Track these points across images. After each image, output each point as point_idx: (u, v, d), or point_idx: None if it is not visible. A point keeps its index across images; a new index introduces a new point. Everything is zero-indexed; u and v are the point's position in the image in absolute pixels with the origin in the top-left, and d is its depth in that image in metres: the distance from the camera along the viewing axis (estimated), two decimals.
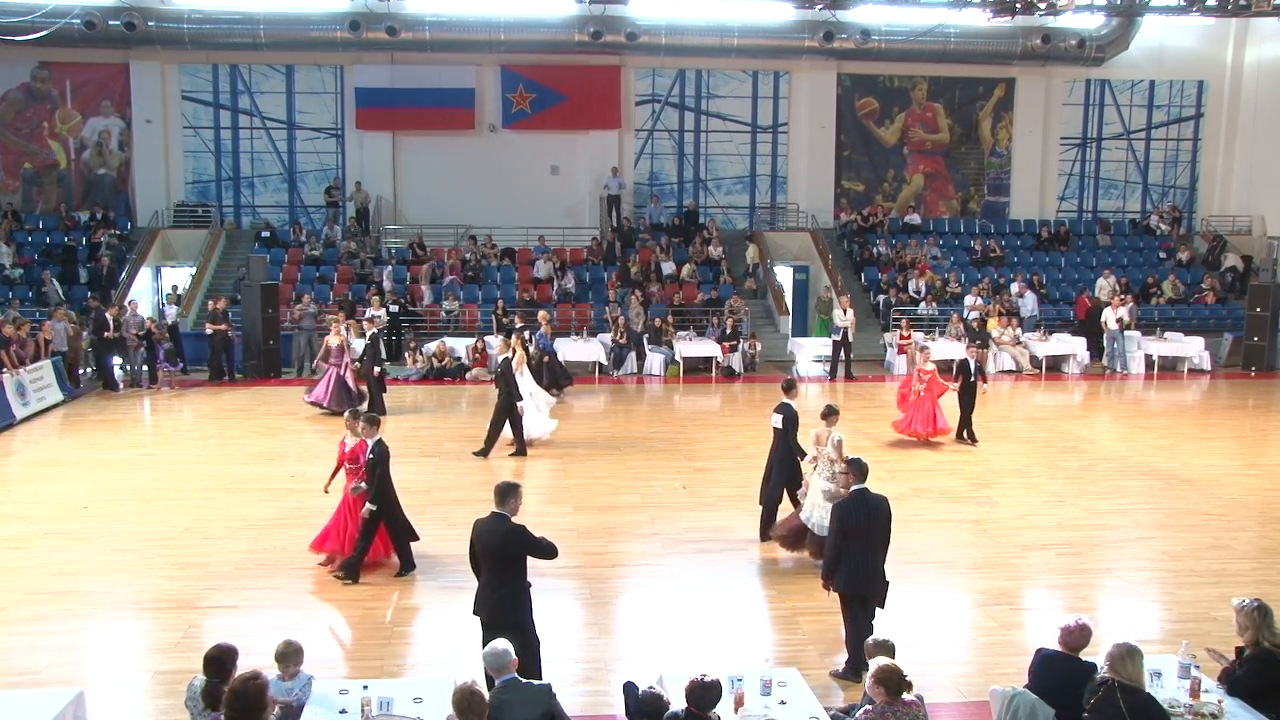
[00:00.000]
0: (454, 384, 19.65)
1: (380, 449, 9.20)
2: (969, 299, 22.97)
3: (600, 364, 20.55)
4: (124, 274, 23.15)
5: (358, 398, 16.19)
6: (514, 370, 13.84)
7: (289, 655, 5.92)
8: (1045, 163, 27.72)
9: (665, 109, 26.57)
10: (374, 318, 20.41)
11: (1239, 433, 16.22)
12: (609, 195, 25.71)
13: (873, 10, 24.08)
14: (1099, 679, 5.44)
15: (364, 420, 9.50)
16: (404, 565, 9.48)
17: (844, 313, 20.60)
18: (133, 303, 20.03)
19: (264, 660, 5.92)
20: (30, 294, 22.13)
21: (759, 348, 21.33)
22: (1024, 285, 23.59)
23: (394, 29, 23.47)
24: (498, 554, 6.62)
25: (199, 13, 23.48)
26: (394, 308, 21.86)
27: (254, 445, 14.57)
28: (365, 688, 5.81)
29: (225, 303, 19.98)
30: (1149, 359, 21.30)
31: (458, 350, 20.40)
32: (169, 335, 19.93)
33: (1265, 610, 5.95)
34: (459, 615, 6.78)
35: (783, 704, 5.87)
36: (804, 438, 10.18)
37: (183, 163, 25.54)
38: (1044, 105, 27.28)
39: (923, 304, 23.35)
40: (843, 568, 7.30)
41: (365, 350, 16.73)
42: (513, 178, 25.77)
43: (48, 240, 24.00)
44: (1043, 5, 21.59)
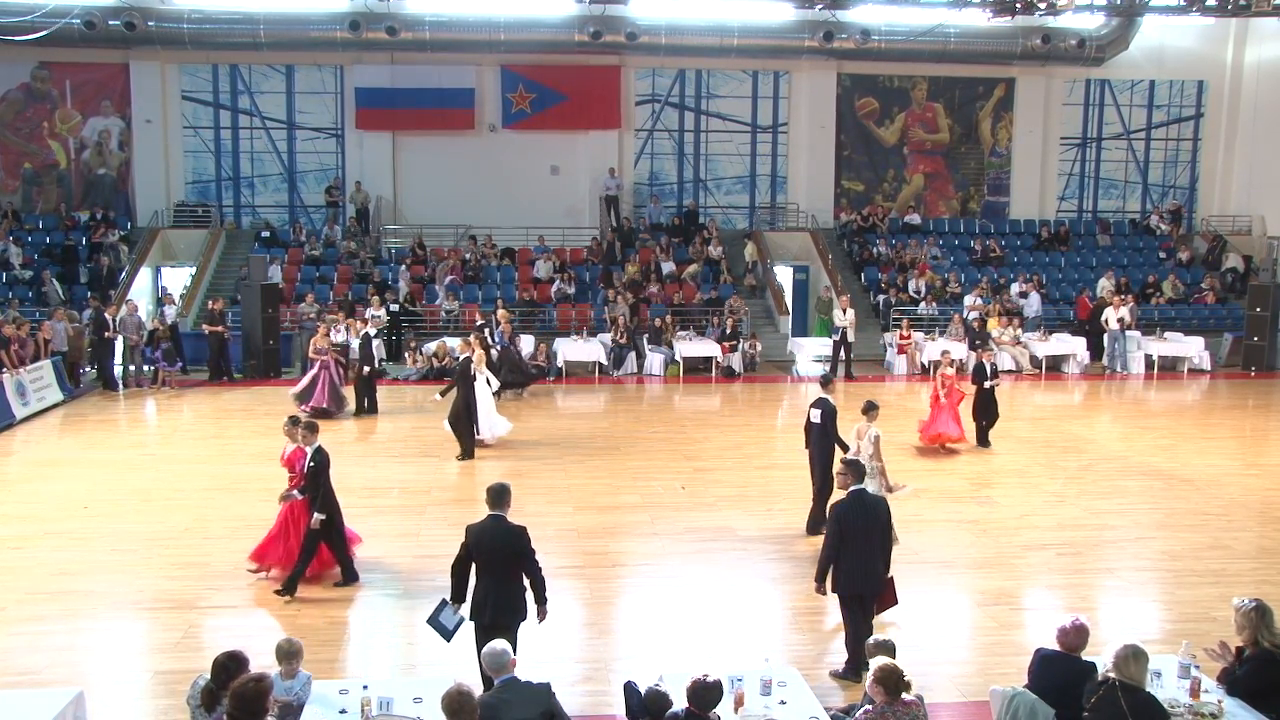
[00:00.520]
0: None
1: (321, 456, 8.87)
2: (969, 299, 22.97)
3: (600, 364, 20.55)
4: (124, 274, 23.15)
5: (344, 397, 16.15)
6: (473, 371, 13.75)
7: (292, 654, 5.93)
8: (1045, 163, 27.72)
9: (665, 109, 26.57)
10: (374, 317, 20.49)
11: (1239, 433, 16.22)
12: (608, 195, 25.72)
13: (873, 10, 24.07)
14: (1100, 678, 5.44)
15: (303, 427, 9.14)
16: (346, 576, 9.14)
17: (844, 312, 20.60)
18: (130, 302, 20.04)
19: (262, 660, 5.92)
20: (30, 294, 22.14)
21: (759, 348, 21.33)
22: (1029, 285, 23.60)
23: (394, 29, 23.47)
24: (501, 554, 6.59)
25: (199, 13, 23.48)
26: (394, 307, 21.85)
27: (254, 445, 14.56)
28: (365, 688, 5.80)
29: (223, 303, 19.99)
30: (1149, 359, 21.30)
31: (458, 350, 20.35)
32: (170, 335, 19.92)
33: (1263, 610, 5.95)
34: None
35: (783, 704, 5.86)
36: (843, 432, 10.46)
37: (183, 163, 25.53)
38: (1044, 105, 27.28)
39: (923, 304, 23.35)
40: (842, 569, 7.29)
41: (359, 350, 16.74)
42: (513, 178, 25.77)
43: (48, 240, 24.00)
44: (1043, 5, 21.59)
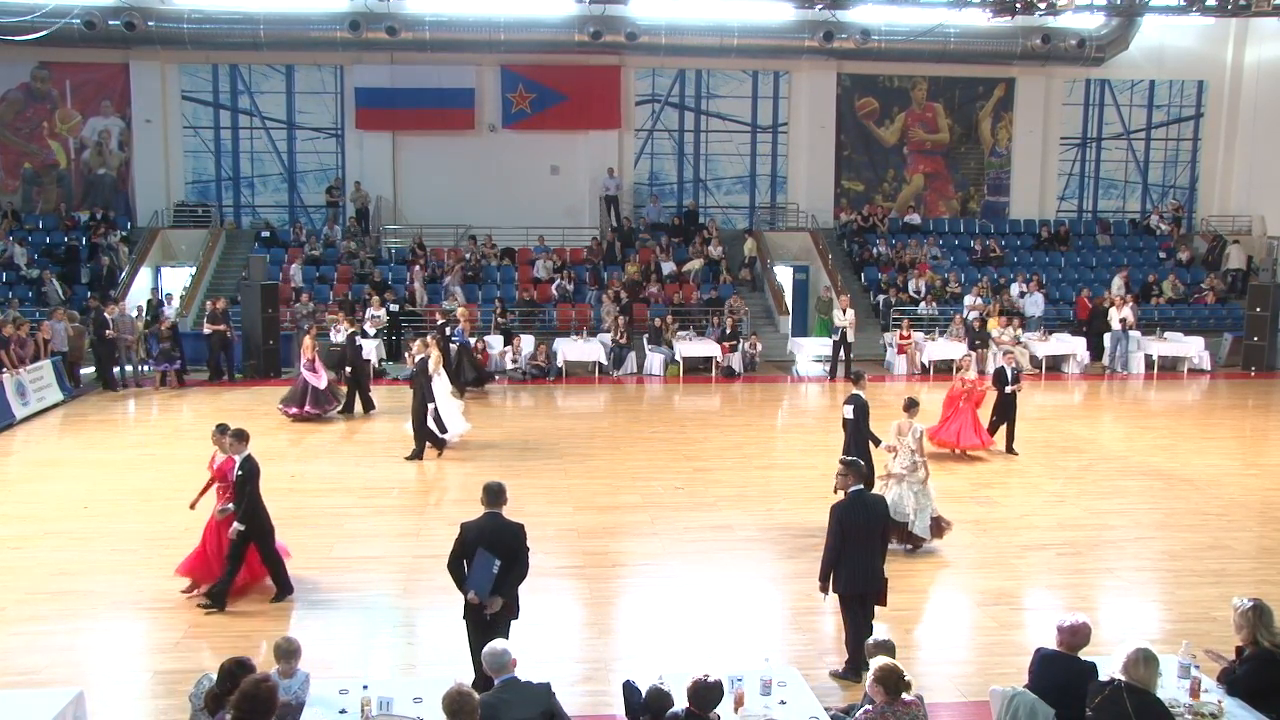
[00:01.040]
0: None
1: (249, 465, 8.57)
2: (968, 299, 22.97)
3: (600, 364, 20.56)
4: (124, 274, 23.15)
5: (330, 397, 16.14)
6: (431, 372, 13.66)
7: (290, 652, 5.93)
8: (1045, 163, 27.72)
9: (665, 109, 26.57)
10: (374, 317, 20.50)
11: (1239, 433, 16.22)
12: (607, 195, 25.72)
13: (873, 10, 24.06)
14: (1105, 679, 5.43)
15: (231, 434, 8.74)
16: (280, 589, 8.80)
17: (844, 312, 20.59)
18: (122, 303, 20.00)
19: (265, 660, 5.92)
20: (30, 294, 22.14)
21: (759, 348, 21.33)
22: (1030, 285, 23.60)
23: (394, 29, 23.47)
24: (498, 552, 6.56)
25: (199, 13, 23.48)
26: (394, 307, 21.85)
27: (254, 445, 14.48)
28: (365, 688, 5.80)
29: (225, 303, 19.99)
30: (1149, 359, 21.30)
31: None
32: (169, 335, 19.89)
33: (1261, 610, 5.96)
34: (458, 615, 6.77)
35: (783, 704, 5.87)
36: (877, 427, 10.71)
37: (183, 163, 25.54)
38: (1044, 105, 27.28)
39: (922, 304, 23.35)
40: (843, 569, 7.29)
41: (345, 349, 16.77)
42: (513, 178, 25.78)
43: (48, 240, 24.00)
44: (1043, 5, 21.59)
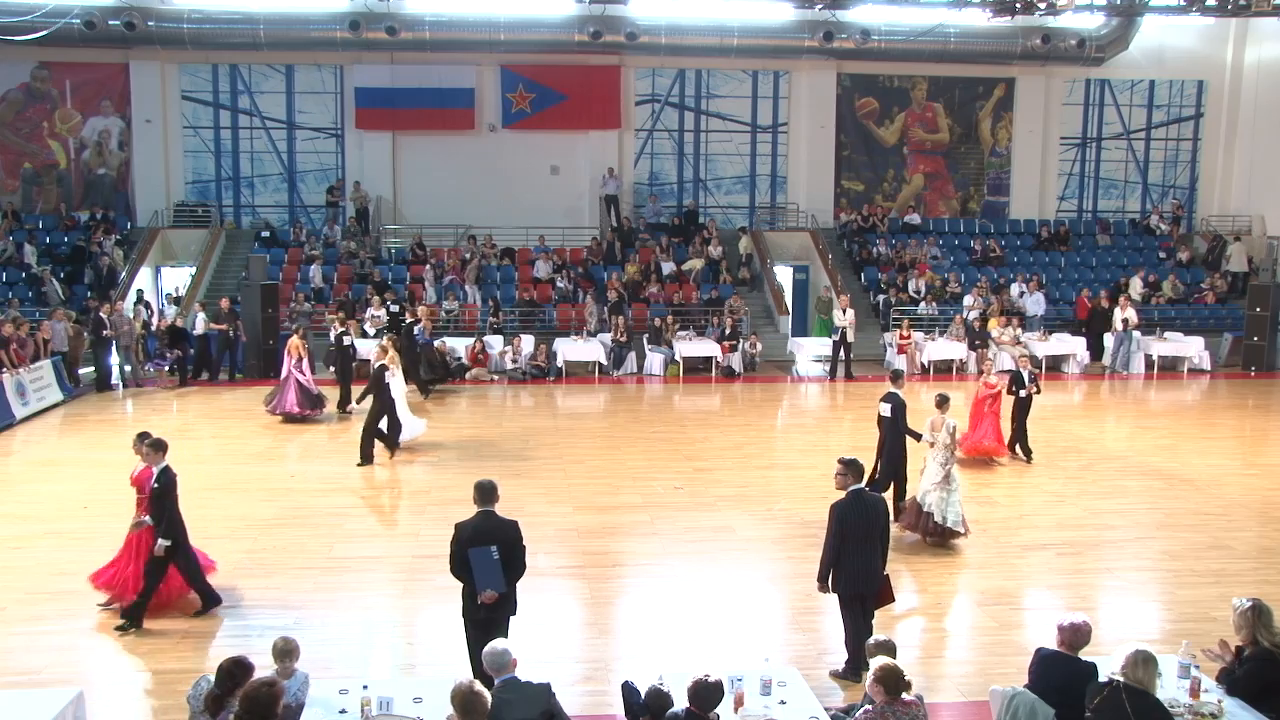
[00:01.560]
0: (454, 384, 19.64)
1: (165, 477, 8.11)
2: (968, 299, 22.97)
3: (600, 364, 20.56)
4: (124, 274, 23.16)
5: (319, 400, 16.13)
6: (387, 375, 13.47)
7: (288, 651, 5.92)
8: (1045, 163, 27.72)
9: (665, 109, 26.56)
10: (374, 317, 20.51)
11: (1239, 433, 16.22)
12: (607, 195, 25.72)
13: (873, 10, 24.06)
14: (1104, 679, 5.43)
15: (148, 444, 8.23)
16: (205, 602, 8.46)
17: (843, 312, 20.59)
18: (120, 304, 20.00)
19: (263, 660, 5.92)
20: (30, 294, 22.15)
21: (759, 347, 21.33)
22: (1030, 285, 23.60)
23: (394, 29, 23.46)
24: (499, 549, 6.56)
25: (199, 13, 23.47)
26: (394, 308, 21.84)
27: (254, 445, 14.58)
28: (365, 688, 5.80)
29: (228, 302, 20.01)
30: (1149, 359, 21.30)
31: (458, 350, 20.41)
32: (168, 335, 19.90)
33: (1260, 610, 5.96)
34: (458, 615, 6.77)
35: (783, 704, 5.86)
36: (913, 424, 10.88)
37: (182, 163, 25.53)
38: (1044, 105, 27.28)
39: (922, 304, 23.36)
40: (842, 569, 7.29)
41: (335, 348, 16.86)
42: (513, 178, 25.77)
43: (48, 240, 24.00)
44: (1043, 5, 21.59)
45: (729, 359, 20.72)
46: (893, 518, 10.65)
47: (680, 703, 5.34)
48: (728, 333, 21.01)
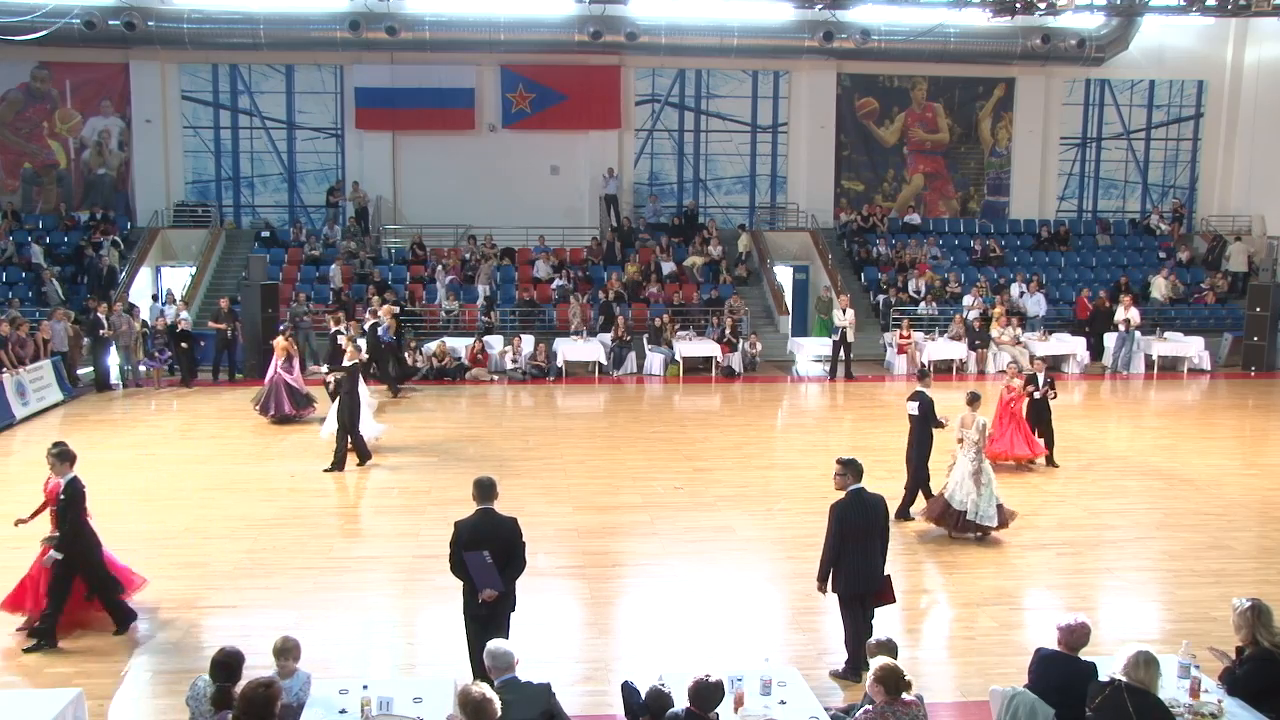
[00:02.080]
0: (454, 384, 19.65)
1: (72, 489, 7.78)
2: (968, 299, 22.97)
3: (600, 364, 20.56)
4: (124, 274, 23.16)
5: (308, 400, 16.09)
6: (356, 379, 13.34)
7: (286, 650, 5.92)
8: (1045, 163, 27.72)
9: (665, 109, 26.56)
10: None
11: (1239, 433, 16.22)
12: (607, 195, 25.72)
13: (873, 10, 24.05)
14: (1105, 679, 5.43)
15: (54, 454, 7.88)
16: (118, 621, 8.04)
17: (843, 312, 20.59)
18: (119, 304, 19.99)
19: (263, 660, 5.92)
20: (30, 294, 22.14)
21: (759, 347, 21.33)
22: (1031, 285, 23.59)
23: (394, 29, 23.46)
24: (495, 547, 6.56)
25: (199, 13, 23.46)
26: (395, 308, 21.82)
27: (254, 445, 14.58)
28: (365, 688, 5.80)
29: (228, 302, 20.01)
30: (1149, 359, 21.29)
31: (458, 350, 20.42)
32: (168, 335, 19.89)
33: (1259, 610, 5.96)
34: (458, 615, 6.77)
35: (783, 704, 5.86)
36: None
37: (183, 163, 25.52)
38: (1044, 105, 27.28)
39: (922, 304, 23.35)
40: (842, 569, 7.29)
41: (328, 348, 16.83)
42: (513, 178, 25.77)
43: (48, 240, 23.99)
44: (1043, 5, 21.59)
45: (729, 359, 20.72)
46: (901, 515, 10.75)
47: (680, 703, 5.34)
48: (728, 333, 21.00)
